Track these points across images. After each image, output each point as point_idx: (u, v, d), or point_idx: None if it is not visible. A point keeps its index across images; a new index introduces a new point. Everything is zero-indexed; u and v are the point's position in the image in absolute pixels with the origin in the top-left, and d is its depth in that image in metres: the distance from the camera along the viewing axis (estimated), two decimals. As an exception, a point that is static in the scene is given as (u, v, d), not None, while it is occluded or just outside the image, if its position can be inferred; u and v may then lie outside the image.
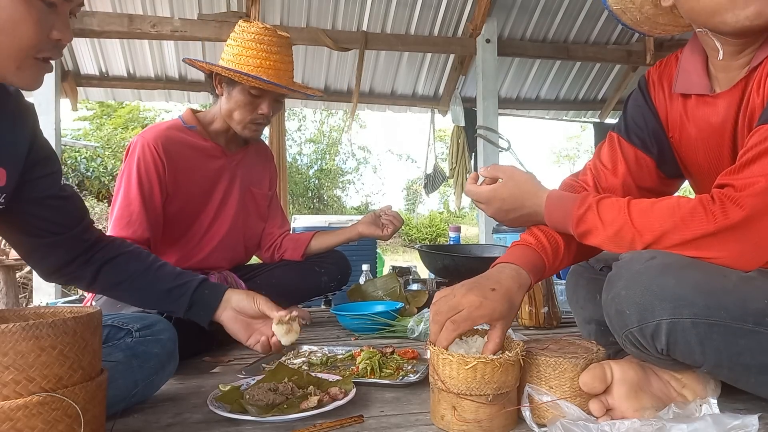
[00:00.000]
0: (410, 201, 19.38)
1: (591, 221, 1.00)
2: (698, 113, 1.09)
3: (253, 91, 1.76)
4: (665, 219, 0.92)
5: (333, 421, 0.99)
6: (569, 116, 6.63)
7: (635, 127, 1.20)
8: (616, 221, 0.97)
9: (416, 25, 4.92)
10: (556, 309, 1.91)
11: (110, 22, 4.18)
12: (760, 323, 0.86)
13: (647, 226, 0.94)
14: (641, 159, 1.19)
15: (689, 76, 1.09)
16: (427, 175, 6.19)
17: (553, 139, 35.67)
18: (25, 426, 0.69)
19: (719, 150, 1.07)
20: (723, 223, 0.88)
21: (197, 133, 1.83)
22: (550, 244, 1.10)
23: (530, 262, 1.06)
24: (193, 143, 1.81)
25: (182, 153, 1.76)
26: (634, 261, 0.93)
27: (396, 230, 2.03)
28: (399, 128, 29.24)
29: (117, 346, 1.08)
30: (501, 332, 0.96)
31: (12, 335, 0.69)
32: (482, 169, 1.17)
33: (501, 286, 0.98)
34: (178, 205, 1.75)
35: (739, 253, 0.89)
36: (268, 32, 1.77)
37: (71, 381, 0.74)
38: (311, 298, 2.20)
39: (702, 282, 0.88)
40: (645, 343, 0.92)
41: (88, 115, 13.02)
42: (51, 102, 3.91)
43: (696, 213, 0.90)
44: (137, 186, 1.65)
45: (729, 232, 0.88)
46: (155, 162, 1.68)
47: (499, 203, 1.13)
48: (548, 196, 1.09)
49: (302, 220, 3.46)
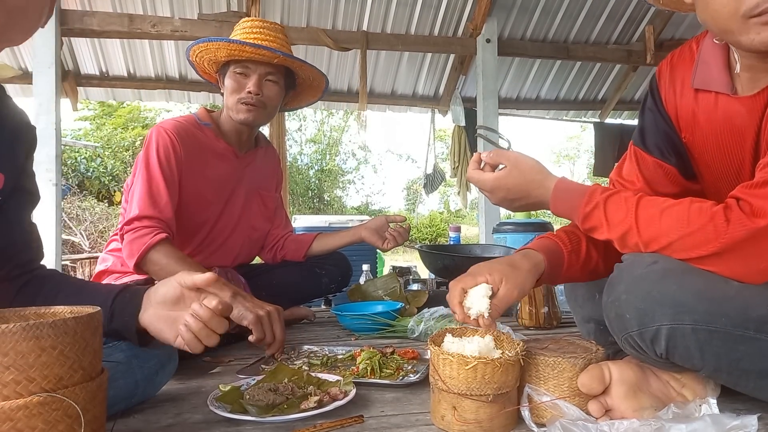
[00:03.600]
0: (410, 201, 19.38)
1: (597, 219, 0.98)
2: (717, 113, 1.02)
3: (236, 70, 1.77)
4: (672, 231, 0.89)
5: (333, 421, 0.99)
6: (569, 116, 6.63)
7: (651, 135, 1.15)
8: (622, 225, 0.95)
9: (416, 24, 4.92)
10: (556, 309, 1.91)
11: (110, 21, 4.18)
12: (761, 330, 0.85)
13: (653, 237, 0.91)
14: (662, 167, 1.14)
15: (709, 70, 1.02)
16: (427, 175, 6.19)
17: (553, 139, 35.67)
18: (25, 426, 0.69)
19: (739, 156, 1.02)
20: (730, 244, 0.85)
21: (211, 131, 1.84)
22: (568, 236, 1.13)
23: (544, 246, 1.11)
24: (205, 141, 1.82)
25: (195, 148, 1.77)
26: (636, 265, 0.92)
27: (397, 245, 2.02)
28: (399, 128, 29.25)
29: (117, 347, 1.08)
30: (505, 287, 1.02)
31: (12, 335, 0.69)
32: (485, 154, 1.13)
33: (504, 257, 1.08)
34: (186, 199, 1.75)
35: (743, 273, 0.87)
36: (253, 19, 1.83)
37: (71, 381, 0.74)
38: (312, 298, 2.20)
39: (703, 288, 0.87)
40: (644, 346, 0.92)
41: (89, 115, 13.02)
42: (51, 102, 3.91)
43: (706, 231, 0.86)
44: (158, 166, 1.66)
45: (735, 252, 0.85)
46: (174, 146, 1.69)
47: (504, 192, 1.10)
48: (555, 187, 1.05)
49: (303, 220, 3.47)
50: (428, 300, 2.16)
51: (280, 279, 2.01)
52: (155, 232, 1.59)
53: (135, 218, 1.61)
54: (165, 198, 1.64)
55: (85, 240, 8.43)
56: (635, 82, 5.88)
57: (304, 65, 1.87)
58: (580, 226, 1.02)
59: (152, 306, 1.01)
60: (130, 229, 1.61)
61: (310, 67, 1.90)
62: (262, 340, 1.42)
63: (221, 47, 1.75)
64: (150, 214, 1.61)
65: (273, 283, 1.98)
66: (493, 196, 1.12)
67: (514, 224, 2.94)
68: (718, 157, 1.06)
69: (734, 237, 0.84)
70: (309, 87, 2.01)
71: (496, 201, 1.13)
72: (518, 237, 2.82)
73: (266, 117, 1.86)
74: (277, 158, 2.15)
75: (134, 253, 1.57)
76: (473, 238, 10.59)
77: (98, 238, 8.59)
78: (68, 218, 8.47)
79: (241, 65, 1.78)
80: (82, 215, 8.88)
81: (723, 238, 0.85)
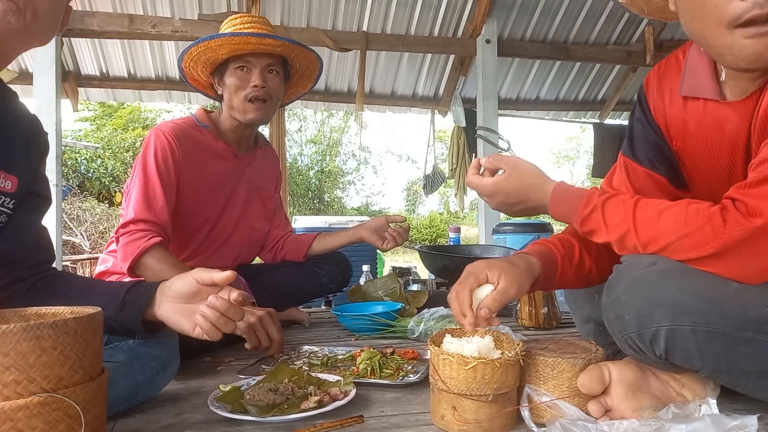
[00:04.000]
0: (410, 202, 19.39)
1: (595, 222, 0.98)
2: (707, 119, 1.03)
3: (238, 66, 1.77)
4: (670, 232, 0.89)
5: (333, 421, 0.99)
6: (569, 117, 6.62)
7: (640, 145, 1.17)
8: (620, 227, 0.95)
9: (416, 25, 4.92)
10: (555, 309, 1.91)
11: (111, 22, 4.18)
12: (761, 331, 0.85)
13: (651, 239, 0.91)
14: (652, 177, 1.15)
15: (697, 77, 1.03)
16: (427, 176, 6.19)
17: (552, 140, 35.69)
18: (26, 426, 0.69)
19: (730, 160, 1.02)
20: (728, 244, 0.84)
21: (210, 132, 1.84)
22: (561, 242, 1.14)
23: (537, 250, 1.12)
24: (204, 142, 1.81)
25: (194, 150, 1.77)
26: (635, 265, 0.92)
27: (397, 245, 2.02)
28: (399, 129, 29.26)
29: (119, 348, 1.09)
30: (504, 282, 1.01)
31: (13, 336, 0.69)
32: (484, 159, 1.13)
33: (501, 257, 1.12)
34: (185, 200, 1.75)
35: (742, 274, 0.86)
36: (241, 15, 1.84)
37: (72, 381, 0.74)
38: (312, 299, 2.20)
39: (702, 289, 0.87)
40: (644, 347, 0.92)
41: (89, 116, 13.03)
42: (52, 102, 3.91)
43: (703, 231, 0.86)
44: (155, 170, 1.66)
45: (733, 252, 0.85)
46: (171, 149, 1.69)
47: (503, 197, 1.10)
48: (553, 190, 1.05)
49: (303, 221, 3.47)
50: (428, 300, 2.16)
51: (280, 279, 2.01)
52: (150, 236, 1.59)
53: (130, 221, 1.62)
54: (161, 201, 1.64)
55: (85, 241, 8.44)
56: (635, 82, 5.88)
57: (305, 50, 1.87)
58: (579, 229, 1.02)
59: (168, 300, 1.04)
60: (125, 233, 1.61)
61: (305, 56, 1.89)
62: (258, 346, 1.43)
63: (223, 43, 1.73)
64: (145, 218, 1.61)
65: (273, 283, 1.98)
66: (492, 200, 1.12)
67: (514, 225, 2.94)
68: (710, 162, 1.06)
69: (732, 237, 0.84)
70: (300, 78, 2.00)
71: (495, 205, 1.13)
72: (518, 238, 2.82)
73: (272, 111, 1.86)
74: (276, 158, 2.15)
75: (128, 257, 1.58)
76: (473, 239, 10.59)
77: (99, 239, 8.60)
78: (69, 219, 8.48)
79: (241, 60, 1.77)
80: (83, 216, 8.89)
81: (720, 239, 0.84)
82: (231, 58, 1.78)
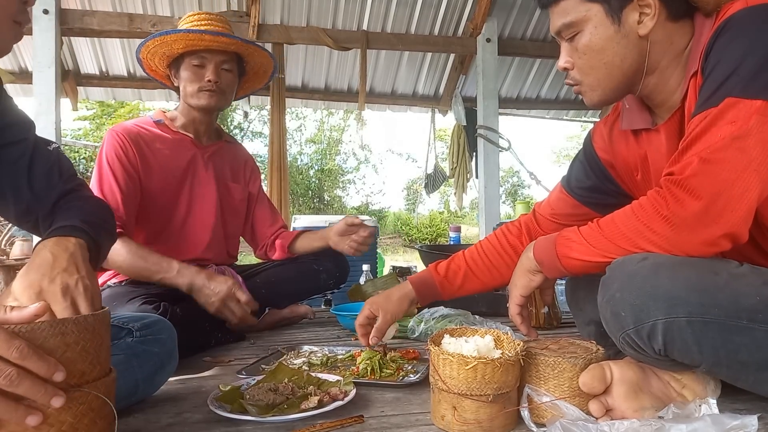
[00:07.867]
0: (411, 201, 19.39)
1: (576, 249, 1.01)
2: (650, 147, 1.13)
3: (193, 62, 1.84)
4: (631, 231, 0.93)
5: (333, 421, 0.99)
6: (569, 116, 6.62)
7: (576, 182, 1.32)
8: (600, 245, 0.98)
9: (416, 24, 4.92)
10: (556, 309, 1.91)
11: (110, 21, 4.18)
12: (754, 320, 0.86)
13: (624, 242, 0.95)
14: (579, 208, 1.31)
15: (632, 113, 1.16)
16: (428, 174, 6.18)
17: (553, 139, 35.70)
18: (56, 421, 0.71)
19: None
20: (677, 209, 0.88)
21: (166, 126, 1.91)
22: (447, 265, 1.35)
23: (418, 277, 1.37)
24: (161, 136, 1.88)
25: (152, 144, 1.84)
26: (627, 262, 0.93)
27: (360, 254, 2.03)
28: (399, 128, 29.27)
29: (117, 346, 1.08)
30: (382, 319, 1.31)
31: (41, 332, 0.71)
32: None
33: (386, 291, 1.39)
34: (152, 195, 1.81)
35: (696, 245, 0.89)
36: (199, 13, 1.92)
37: (92, 376, 0.77)
38: (311, 296, 2.20)
39: (694, 280, 0.88)
40: (642, 344, 0.92)
41: (89, 115, 13.04)
42: (51, 101, 3.90)
43: (653, 218, 0.91)
44: (108, 167, 1.74)
45: (684, 226, 0.88)
46: (123, 147, 1.77)
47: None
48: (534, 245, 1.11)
49: (303, 220, 3.47)
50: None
51: (278, 277, 2.01)
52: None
53: None
54: (118, 196, 1.71)
55: (85, 239, 8.43)
56: (635, 81, 5.88)
57: (258, 50, 1.94)
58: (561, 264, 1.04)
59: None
60: None
61: (259, 54, 1.96)
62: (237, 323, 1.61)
63: (178, 39, 1.80)
64: None
65: (271, 281, 1.99)
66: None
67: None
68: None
69: (678, 200, 0.88)
70: (255, 74, 2.07)
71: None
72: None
73: (225, 102, 1.93)
74: (246, 154, 2.18)
75: None
76: (473, 238, 10.60)
77: (98, 237, 8.59)
78: (68, 218, 8.46)
79: (197, 56, 1.84)
80: (82, 215, 8.87)
81: (669, 206, 0.89)
82: (187, 53, 1.85)
